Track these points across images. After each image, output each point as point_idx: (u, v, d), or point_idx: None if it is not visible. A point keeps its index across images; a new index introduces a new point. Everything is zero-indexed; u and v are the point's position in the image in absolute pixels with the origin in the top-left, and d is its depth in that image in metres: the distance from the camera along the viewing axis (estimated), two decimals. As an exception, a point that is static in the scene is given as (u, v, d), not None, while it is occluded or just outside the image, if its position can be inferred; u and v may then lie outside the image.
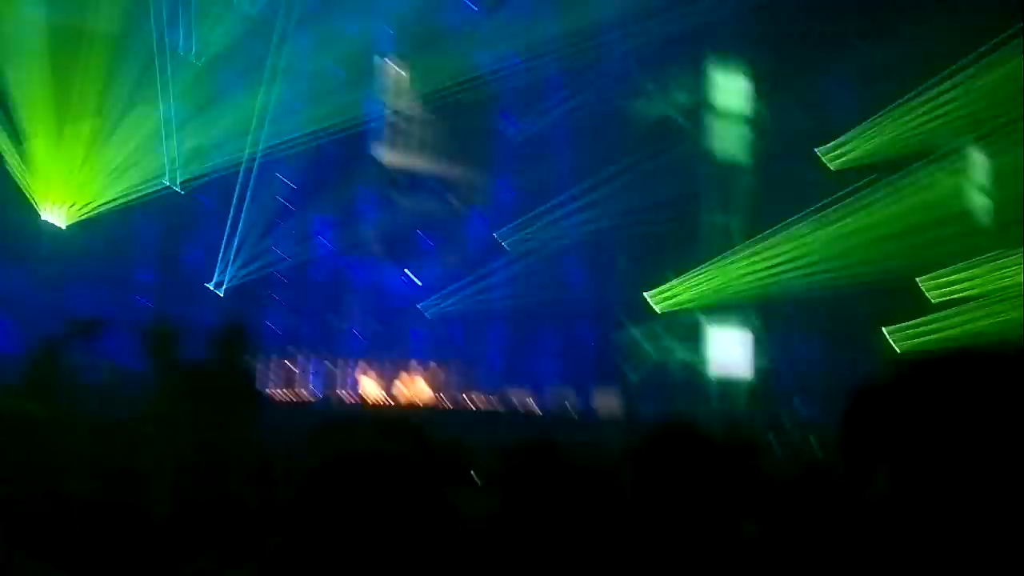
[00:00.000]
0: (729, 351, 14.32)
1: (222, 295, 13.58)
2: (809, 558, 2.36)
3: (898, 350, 12.53)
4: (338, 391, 13.88)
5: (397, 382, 14.22)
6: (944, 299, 12.95)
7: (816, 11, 13.25)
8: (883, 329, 13.02)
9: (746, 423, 10.30)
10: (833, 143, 13.88)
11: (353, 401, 13.51)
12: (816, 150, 13.89)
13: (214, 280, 13.80)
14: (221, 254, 13.86)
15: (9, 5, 12.47)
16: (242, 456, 4.87)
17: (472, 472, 4.92)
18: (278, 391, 13.16)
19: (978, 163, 13.01)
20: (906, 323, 13.09)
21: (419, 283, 15.90)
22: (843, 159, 13.77)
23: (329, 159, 14.98)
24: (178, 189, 13.68)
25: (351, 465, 1.83)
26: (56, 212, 12.82)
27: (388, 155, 15.89)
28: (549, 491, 3.31)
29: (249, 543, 2.45)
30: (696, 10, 14.04)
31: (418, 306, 15.57)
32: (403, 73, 16.13)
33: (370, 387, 14.06)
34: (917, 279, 13.05)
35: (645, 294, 14.89)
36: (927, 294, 13.04)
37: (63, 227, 12.83)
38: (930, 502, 0.99)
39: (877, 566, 1.07)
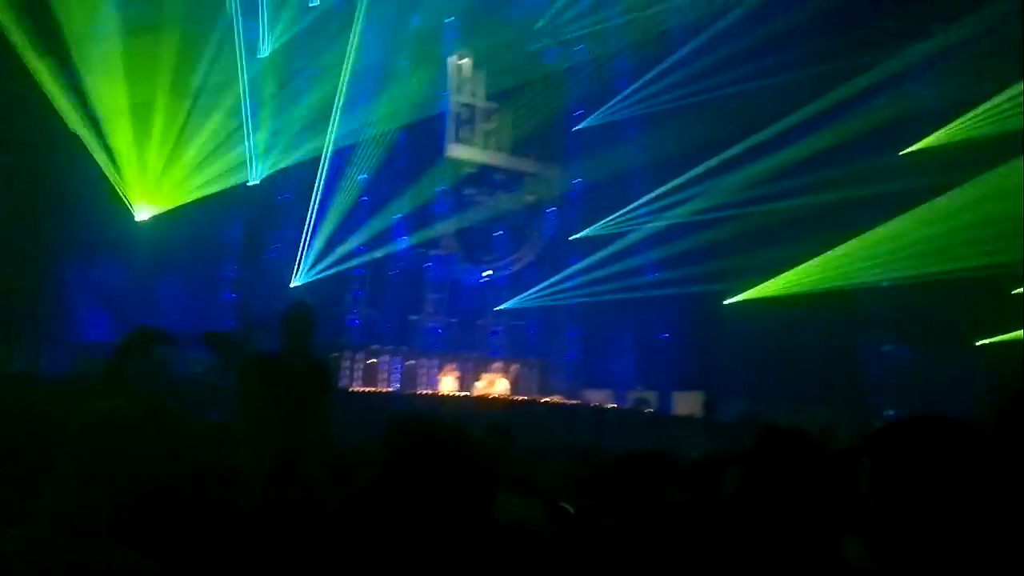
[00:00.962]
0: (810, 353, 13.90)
1: (302, 290, 13.78)
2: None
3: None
4: (417, 387, 13.96)
5: (475, 379, 14.25)
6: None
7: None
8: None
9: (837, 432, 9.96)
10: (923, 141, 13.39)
11: (432, 396, 13.55)
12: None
13: (294, 276, 14.06)
14: (301, 250, 14.10)
15: (94, 5, 12.86)
16: (323, 455, 4.88)
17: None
18: (359, 386, 13.31)
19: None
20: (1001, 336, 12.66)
21: (490, 279, 15.92)
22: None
23: (403, 155, 15.12)
24: (256, 181, 13.98)
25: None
26: (143, 207, 13.21)
27: (462, 151, 15.92)
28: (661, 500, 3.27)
29: (329, 544, 2.43)
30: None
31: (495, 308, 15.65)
32: (474, 68, 16.14)
33: (449, 384, 14.12)
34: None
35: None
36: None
37: (148, 220, 13.20)
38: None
39: None
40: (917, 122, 13.47)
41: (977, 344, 12.94)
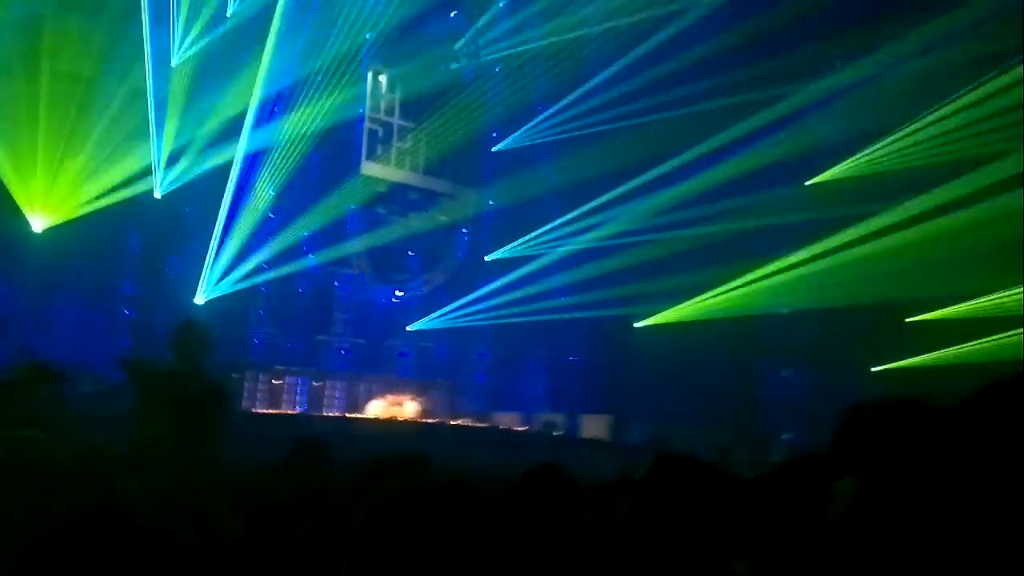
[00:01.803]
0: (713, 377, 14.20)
1: (206, 308, 13.35)
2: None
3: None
4: (324, 409, 13.65)
5: (381, 400, 14.03)
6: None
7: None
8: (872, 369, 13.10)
9: (735, 453, 10.16)
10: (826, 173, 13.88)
11: (337, 417, 13.29)
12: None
13: (198, 291, 13.61)
14: (206, 266, 13.67)
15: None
16: (221, 481, 4.70)
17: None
18: (263, 408, 12.95)
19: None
20: (896, 362, 13.17)
21: (401, 299, 15.76)
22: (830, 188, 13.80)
23: (316, 171, 14.87)
24: (161, 193, 13.53)
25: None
26: (35, 216, 12.62)
27: (377, 169, 15.77)
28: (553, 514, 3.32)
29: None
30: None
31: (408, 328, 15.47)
32: (392, 85, 16.05)
33: (356, 406, 13.86)
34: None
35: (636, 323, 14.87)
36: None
37: (41, 231, 12.62)
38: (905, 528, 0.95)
39: None
40: (822, 155, 13.95)
41: (873, 371, 13.43)
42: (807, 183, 13.93)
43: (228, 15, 14.32)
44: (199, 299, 13.57)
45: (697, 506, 2.39)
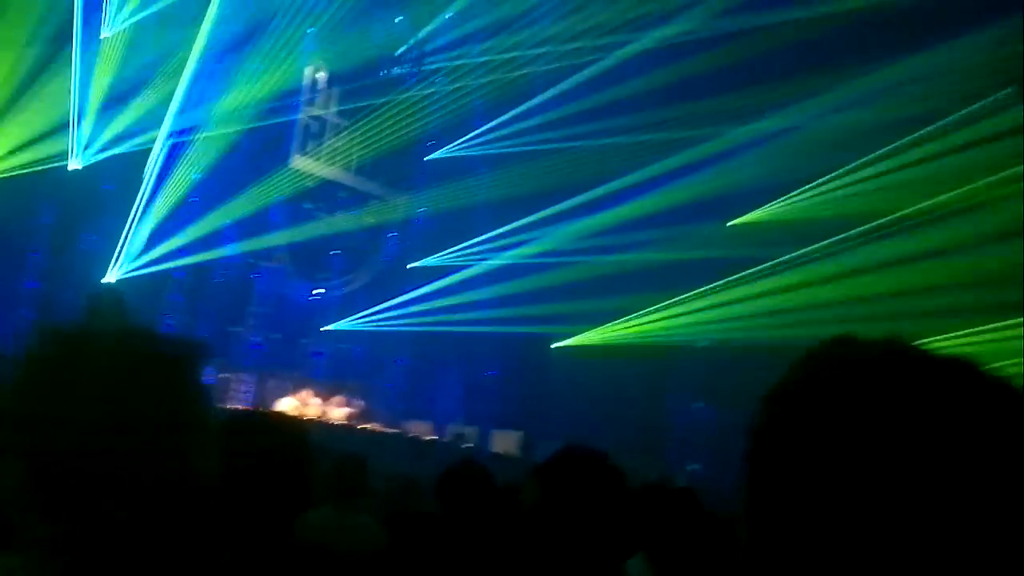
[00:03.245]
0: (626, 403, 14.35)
1: (114, 285, 12.86)
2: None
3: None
4: (229, 402, 13.25)
5: (290, 398, 13.71)
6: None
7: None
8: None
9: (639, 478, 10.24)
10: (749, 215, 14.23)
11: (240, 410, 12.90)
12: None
13: (109, 270, 13.12)
14: (120, 245, 13.19)
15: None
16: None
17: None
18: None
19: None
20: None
21: (320, 298, 15.49)
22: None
23: (244, 159, 14.54)
24: (78, 166, 13.02)
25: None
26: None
27: (308, 163, 15.52)
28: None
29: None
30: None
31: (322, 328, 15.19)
32: (330, 82, 15.86)
33: (263, 402, 13.50)
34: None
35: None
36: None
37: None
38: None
39: None
40: (745, 196, 14.31)
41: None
42: (729, 223, 14.27)
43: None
44: (110, 277, 13.08)
45: (601, 496, 2.38)
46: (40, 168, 12.61)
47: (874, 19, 12.54)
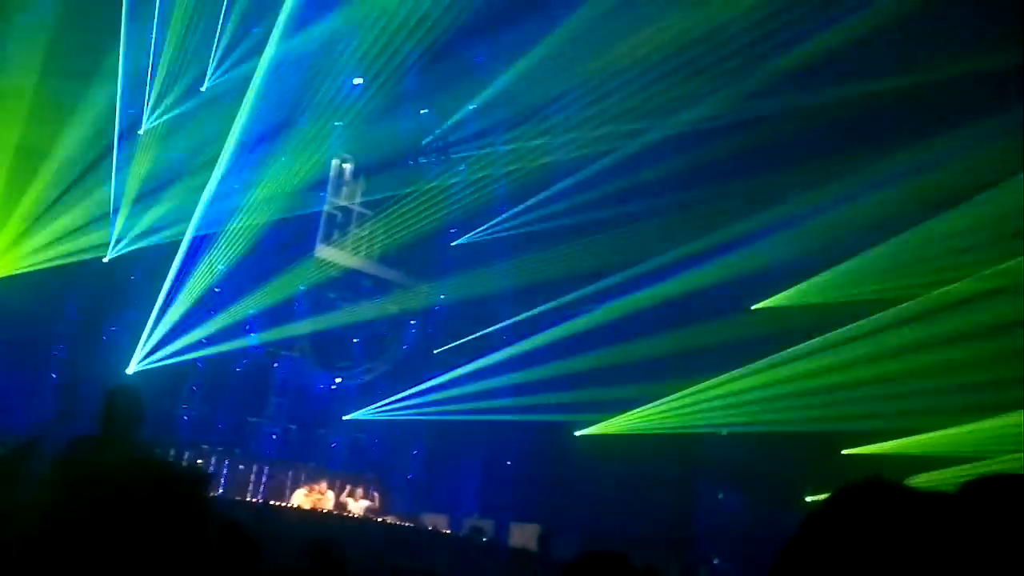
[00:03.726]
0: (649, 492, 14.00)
1: (134, 376, 13.01)
2: None
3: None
4: (243, 494, 13.16)
5: (306, 489, 13.57)
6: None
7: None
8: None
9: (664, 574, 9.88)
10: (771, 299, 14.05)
11: (257, 503, 12.79)
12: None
13: (131, 361, 13.30)
14: (144, 336, 13.39)
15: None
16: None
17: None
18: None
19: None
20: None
21: (341, 387, 15.48)
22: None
23: (270, 250, 14.79)
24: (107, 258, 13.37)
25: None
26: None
27: (332, 253, 15.73)
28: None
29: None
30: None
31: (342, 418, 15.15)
32: (355, 173, 16.19)
33: (277, 493, 13.39)
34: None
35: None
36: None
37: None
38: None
39: None
40: (768, 279, 14.16)
41: (807, 499, 13.29)
42: (752, 307, 14.09)
43: (203, 88, 14.49)
44: (131, 368, 13.25)
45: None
46: (68, 258, 12.96)
47: (897, 102, 12.54)
